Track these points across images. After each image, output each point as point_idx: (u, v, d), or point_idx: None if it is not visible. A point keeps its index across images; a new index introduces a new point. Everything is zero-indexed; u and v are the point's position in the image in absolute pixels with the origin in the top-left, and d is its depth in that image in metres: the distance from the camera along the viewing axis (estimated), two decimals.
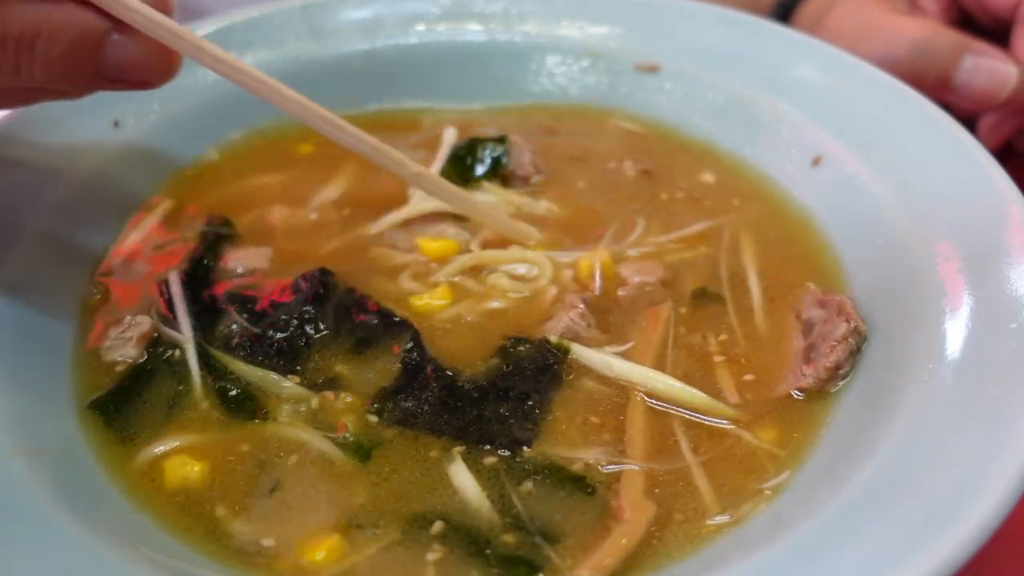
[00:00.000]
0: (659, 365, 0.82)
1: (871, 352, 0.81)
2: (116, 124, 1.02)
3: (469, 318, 0.88)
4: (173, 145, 1.06)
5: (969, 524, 0.59)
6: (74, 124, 0.99)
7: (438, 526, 0.70)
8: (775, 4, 1.26)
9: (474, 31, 1.19)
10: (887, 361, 0.79)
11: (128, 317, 0.87)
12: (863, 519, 0.63)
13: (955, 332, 0.75)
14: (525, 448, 0.76)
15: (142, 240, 0.97)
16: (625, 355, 0.84)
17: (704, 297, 0.90)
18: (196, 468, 0.75)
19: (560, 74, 1.18)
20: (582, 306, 0.87)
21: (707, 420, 0.78)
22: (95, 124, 1.00)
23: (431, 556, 0.69)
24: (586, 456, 0.76)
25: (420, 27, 1.19)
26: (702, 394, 0.79)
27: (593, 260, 0.92)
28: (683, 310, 0.88)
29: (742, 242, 0.96)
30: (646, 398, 0.80)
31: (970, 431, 0.67)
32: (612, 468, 0.75)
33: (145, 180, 1.03)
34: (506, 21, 1.18)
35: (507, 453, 0.75)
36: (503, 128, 1.10)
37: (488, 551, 0.69)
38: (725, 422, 0.78)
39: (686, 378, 0.81)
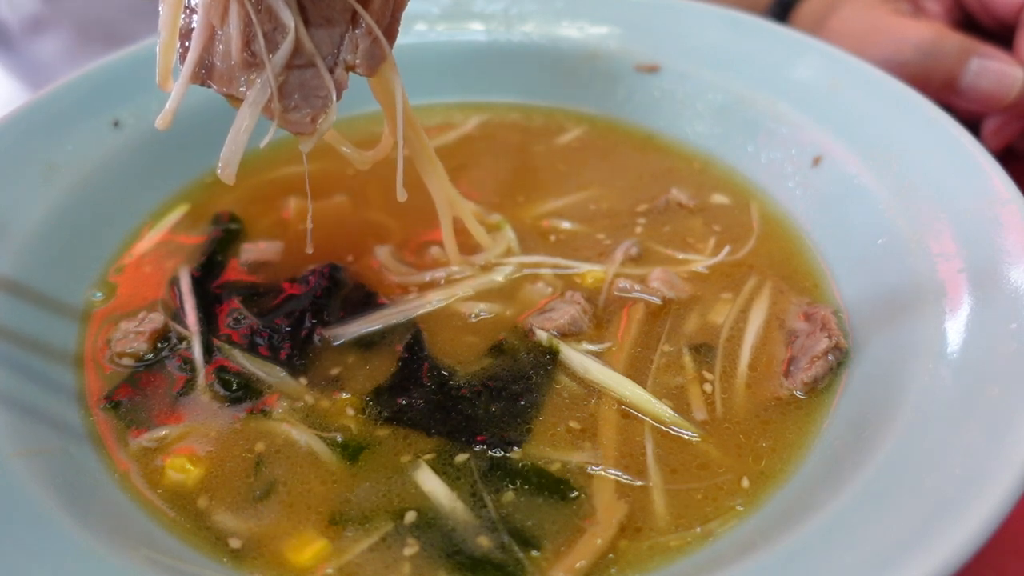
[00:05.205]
0: (640, 371, 0.83)
1: (871, 353, 0.81)
2: (116, 124, 1.02)
3: (471, 317, 0.88)
4: (179, 146, 1.05)
5: (969, 524, 0.59)
6: (74, 124, 0.99)
7: (411, 516, 0.71)
8: (773, 3, 1.26)
9: (474, 31, 1.19)
10: (886, 362, 0.79)
11: (142, 312, 0.89)
12: (863, 519, 0.63)
13: (955, 332, 0.75)
14: (515, 448, 0.76)
15: (155, 239, 0.99)
16: (606, 354, 0.84)
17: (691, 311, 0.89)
18: (195, 470, 0.75)
19: (560, 74, 1.18)
20: (583, 302, 0.88)
21: (675, 431, 0.78)
22: (95, 124, 1.00)
23: (407, 551, 0.69)
24: (563, 458, 0.76)
25: (420, 27, 1.19)
26: (667, 408, 0.79)
27: (598, 273, 0.92)
28: (667, 317, 0.88)
29: (744, 249, 0.97)
30: (619, 404, 0.80)
31: (970, 431, 0.67)
32: (587, 470, 0.74)
33: (150, 181, 1.03)
34: (506, 21, 1.19)
35: (500, 453, 0.76)
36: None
37: (461, 553, 0.69)
38: (691, 433, 0.78)
39: (659, 388, 0.81)
